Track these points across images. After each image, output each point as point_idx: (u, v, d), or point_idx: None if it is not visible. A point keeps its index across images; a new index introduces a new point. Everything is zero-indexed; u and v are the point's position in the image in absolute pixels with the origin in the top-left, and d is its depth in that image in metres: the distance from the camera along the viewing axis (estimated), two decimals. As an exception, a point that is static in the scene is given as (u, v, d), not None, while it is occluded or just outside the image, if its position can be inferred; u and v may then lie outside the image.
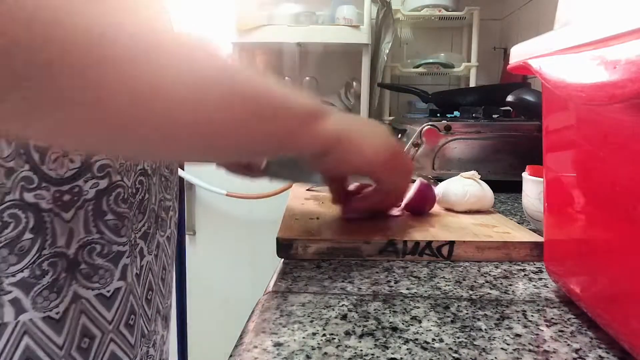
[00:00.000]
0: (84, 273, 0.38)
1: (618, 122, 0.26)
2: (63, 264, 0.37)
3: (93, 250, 0.38)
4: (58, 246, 0.36)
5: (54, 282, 0.36)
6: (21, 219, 0.35)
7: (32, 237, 0.35)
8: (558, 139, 0.36)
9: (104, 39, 0.24)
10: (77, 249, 0.38)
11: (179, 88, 0.28)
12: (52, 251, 0.36)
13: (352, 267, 0.43)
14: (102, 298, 0.39)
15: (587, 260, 0.32)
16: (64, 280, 0.37)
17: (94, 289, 0.39)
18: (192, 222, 1.53)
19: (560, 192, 0.36)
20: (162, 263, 0.49)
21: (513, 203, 0.73)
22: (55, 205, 0.36)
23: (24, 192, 0.35)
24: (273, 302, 0.36)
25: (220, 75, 0.32)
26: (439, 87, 1.80)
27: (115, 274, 0.40)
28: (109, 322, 0.40)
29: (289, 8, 1.68)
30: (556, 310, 0.35)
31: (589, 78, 0.25)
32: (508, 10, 1.73)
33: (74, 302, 0.37)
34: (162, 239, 0.49)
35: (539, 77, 0.31)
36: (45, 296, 0.36)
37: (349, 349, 0.29)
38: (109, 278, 0.40)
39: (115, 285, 0.40)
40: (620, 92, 0.22)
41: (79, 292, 0.38)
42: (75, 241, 0.37)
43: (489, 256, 0.46)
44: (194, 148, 0.33)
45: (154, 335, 0.47)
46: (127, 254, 0.41)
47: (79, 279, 0.38)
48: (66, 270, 0.37)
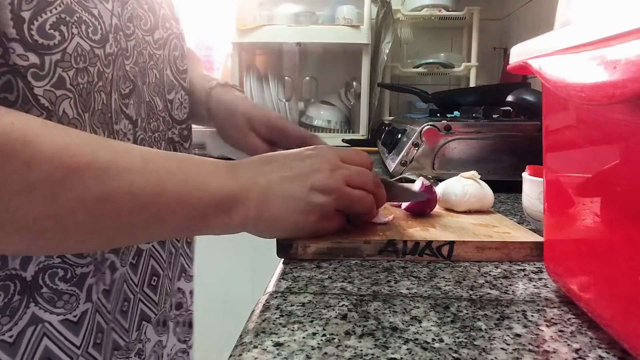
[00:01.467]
0: (47, 298, 0.37)
1: (618, 122, 0.26)
2: (16, 286, 0.35)
3: (55, 274, 0.37)
4: (10, 268, 0.35)
5: (6, 305, 0.35)
6: None
7: None
8: (558, 139, 0.36)
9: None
10: (37, 272, 0.36)
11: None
12: (3, 274, 0.35)
13: (352, 267, 0.43)
14: (69, 323, 0.38)
15: (587, 260, 0.32)
16: (19, 303, 0.36)
17: (59, 314, 0.37)
18: (192, 222, 1.53)
19: (560, 192, 0.36)
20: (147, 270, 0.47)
21: (513, 203, 0.73)
22: None
23: None
24: (273, 302, 0.36)
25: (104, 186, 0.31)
26: (439, 87, 1.80)
27: (81, 297, 0.39)
28: (77, 347, 0.39)
29: (289, 8, 1.68)
30: (556, 310, 0.35)
31: (589, 78, 0.25)
32: (508, 10, 1.73)
33: (31, 325, 0.36)
34: (147, 246, 0.47)
35: (539, 77, 0.31)
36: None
37: (349, 349, 0.29)
38: (75, 303, 0.38)
39: (82, 308, 0.39)
40: (620, 92, 0.21)
41: (40, 315, 0.37)
42: (34, 264, 0.36)
43: (489, 256, 0.46)
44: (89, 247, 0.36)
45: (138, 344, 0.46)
46: (91, 274, 0.39)
47: (40, 302, 0.37)
48: (20, 293, 0.36)
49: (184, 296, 0.54)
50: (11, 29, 0.31)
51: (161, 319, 0.50)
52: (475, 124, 0.86)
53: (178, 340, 0.53)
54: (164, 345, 0.51)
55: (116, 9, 0.39)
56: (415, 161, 0.85)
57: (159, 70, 0.48)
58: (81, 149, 0.31)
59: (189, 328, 0.55)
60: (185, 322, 0.54)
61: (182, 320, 0.54)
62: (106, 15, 0.37)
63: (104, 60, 0.38)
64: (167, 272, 0.51)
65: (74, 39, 0.34)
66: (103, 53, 0.37)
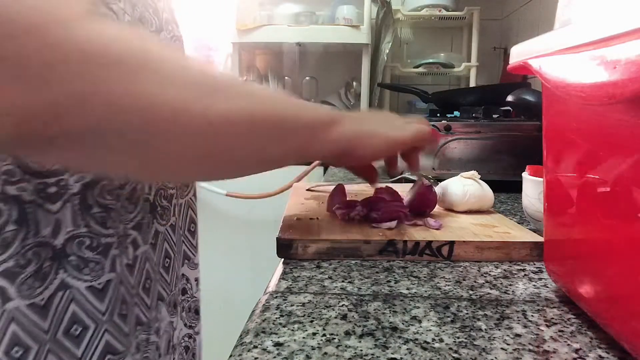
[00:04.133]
0: (74, 265, 0.39)
1: (618, 122, 0.26)
2: (47, 253, 0.38)
3: (82, 243, 0.39)
4: (41, 236, 0.37)
5: (38, 270, 0.37)
6: (3, 212, 0.36)
7: (16, 228, 0.36)
8: (558, 139, 0.36)
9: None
10: (66, 241, 0.39)
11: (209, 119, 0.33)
12: (35, 241, 0.37)
13: (352, 267, 0.43)
14: (94, 290, 0.40)
15: (587, 260, 0.32)
16: (49, 269, 0.38)
17: (85, 280, 0.40)
18: (192, 222, 1.53)
19: (560, 192, 0.36)
20: (163, 251, 0.50)
21: (513, 203, 0.73)
22: (39, 197, 0.37)
23: (5, 186, 0.36)
24: (273, 302, 0.36)
25: (241, 102, 0.36)
26: (439, 87, 1.80)
27: (106, 266, 0.41)
28: (102, 313, 0.41)
29: (289, 8, 1.68)
30: (556, 310, 0.35)
31: (589, 78, 0.25)
32: (508, 10, 1.73)
33: (60, 290, 0.39)
34: (163, 227, 0.49)
35: (539, 77, 0.31)
36: (30, 284, 0.37)
37: (349, 349, 0.29)
38: (100, 270, 0.41)
39: (107, 277, 0.41)
40: (620, 92, 0.22)
41: (68, 281, 0.39)
42: (63, 233, 0.38)
43: (489, 256, 0.46)
44: (222, 167, 0.39)
45: (156, 322, 0.48)
46: (115, 245, 0.42)
47: (68, 269, 0.39)
48: (51, 259, 0.38)
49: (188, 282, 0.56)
50: None
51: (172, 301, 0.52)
52: (475, 124, 0.86)
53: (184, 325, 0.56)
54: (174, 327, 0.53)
55: (128, 9, 0.42)
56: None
57: None
58: (208, 75, 0.35)
59: (195, 314, 0.57)
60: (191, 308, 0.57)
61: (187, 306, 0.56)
62: (120, 13, 0.41)
63: None
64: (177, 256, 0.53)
65: None
66: None
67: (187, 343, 0.55)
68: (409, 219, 0.53)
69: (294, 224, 0.52)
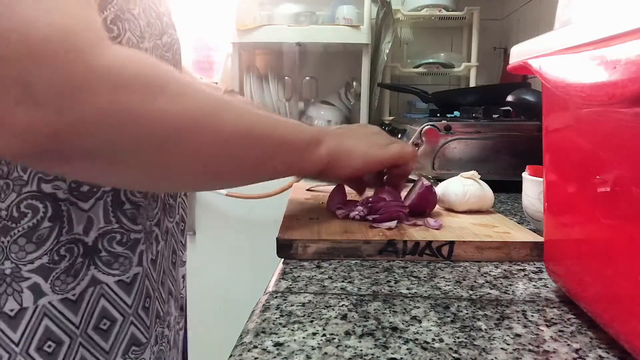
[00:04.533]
0: (105, 260, 0.41)
1: (618, 122, 0.26)
2: (79, 250, 0.39)
3: (113, 239, 0.41)
4: (74, 233, 0.39)
5: (71, 266, 0.39)
6: (39, 209, 0.37)
7: (51, 225, 0.38)
8: (558, 139, 0.36)
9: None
10: (97, 237, 0.40)
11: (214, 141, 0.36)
12: (69, 237, 0.39)
13: (352, 267, 0.43)
14: (123, 284, 0.42)
15: (587, 260, 0.32)
16: (81, 265, 0.40)
17: (115, 275, 0.42)
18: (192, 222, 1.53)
19: (560, 192, 0.36)
20: (171, 247, 0.51)
21: (513, 203, 0.73)
22: (72, 195, 0.39)
23: (41, 184, 0.37)
24: (273, 302, 0.36)
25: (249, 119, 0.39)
26: (439, 87, 1.80)
27: (134, 260, 0.43)
28: (129, 306, 0.43)
29: (289, 8, 1.68)
30: (556, 310, 0.35)
31: (589, 78, 0.25)
32: (508, 10, 1.73)
33: (92, 286, 0.40)
34: (170, 224, 0.51)
35: (539, 77, 0.31)
36: (63, 279, 0.39)
37: (349, 349, 0.29)
38: (128, 265, 0.42)
39: (134, 271, 0.43)
40: (620, 92, 0.22)
41: (98, 277, 0.41)
42: (95, 229, 0.40)
43: (489, 256, 0.46)
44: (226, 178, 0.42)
45: (168, 316, 0.50)
46: (142, 240, 0.44)
47: (99, 265, 0.41)
48: (83, 256, 0.40)
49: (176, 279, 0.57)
50: None
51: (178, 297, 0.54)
52: (475, 124, 0.86)
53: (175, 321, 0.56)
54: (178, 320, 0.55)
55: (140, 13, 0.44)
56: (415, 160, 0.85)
57: None
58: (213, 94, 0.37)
59: (180, 311, 0.59)
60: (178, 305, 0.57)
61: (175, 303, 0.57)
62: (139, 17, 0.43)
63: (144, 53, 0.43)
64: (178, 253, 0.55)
65: (126, 34, 0.40)
66: (143, 47, 0.42)
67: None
68: (409, 219, 0.53)
69: (294, 224, 0.52)
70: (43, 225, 0.37)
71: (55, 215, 0.38)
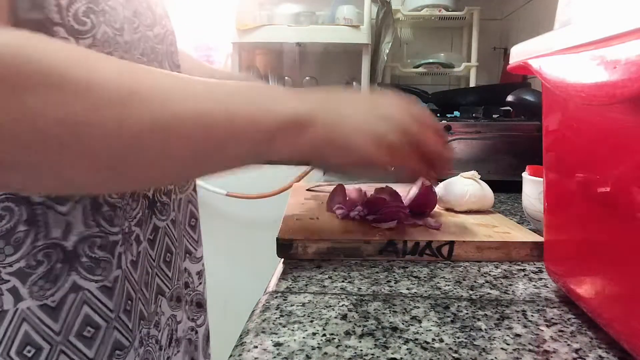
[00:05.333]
0: (86, 266, 0.39)
1: (618, 122, 0.26)
2: (58, 255, 0.38)
3: (94, 244, 0.40)
4: (52, 237, 0.38)
5: (49, 271, 0.38)
6: (14, 212, 0.36)
7: (26, 229, 0.37)
8: (558, 139, 0.36)
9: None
10: (77, 242, 0.39)
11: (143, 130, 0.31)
12: (47, 242, 0.37)
13: (352, 267, 0.43)
14: (105, 289, 0.41)
15: (587, 260, 0.32)
16: (60, 271, 0.38)
17: (97, 281, 0.40)
18: (192, 222, 1.53)
19: (560, 192, 0.36)
20: (163, 246, 0.50)
21: (513, 203, 0.73)
22: (48, 198, 0.37)
23: None
24: (273, 302, 0.36)
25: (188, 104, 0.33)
26: (439, 87, 1.80)
27: (113, 263, 0.41)
28: (111, 311, 0.41)
29: (289, 8, 1.68)
30: (556, 310, 0.35)
31: (589, 78, 0.25)
32: (508, 10, 1.73)
33: (73, 292, 0.39)
34: (163, 223, 0.49)
35: (539, 77, 0.31)
36: (40, 285, 0.37)
37: (349, 349, 0.29)
38: (109, 269, 0.41)
39: (115, 274, 0.41)
40: (620, 92, 0.22)
41: (80, 283, 0.39)
42: (74, 234, 0.39)
43: (489, 256, 0.46)
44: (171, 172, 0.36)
45: (155, 316, 0.49)
46: (120, 242, 0.42)
47: (80, 271, 0.39)
48: (62, 261, 0.38)
49: (190, 276, 0.57)
50: (55, 14, 0.35)
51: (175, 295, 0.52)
52: (475, 124, 0.86)
53: (188, 318, 0.56)
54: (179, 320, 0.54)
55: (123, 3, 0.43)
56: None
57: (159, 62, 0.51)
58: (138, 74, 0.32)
59: (197, 307, 0.57)
60: (193, 301, 0.57)
61: (190, 299, 0.56)
62: (119, 8, 0.41)
63: (123, 46, 0.41)
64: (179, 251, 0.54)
65: (101, 27, 0.38)
66: (122, 40, 0.41)
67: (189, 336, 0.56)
68: (409, 219, 0.53)
69: (294, 224, 0.52)
70: (19, 229, 0.36)
71: (31, 219, 0.37)
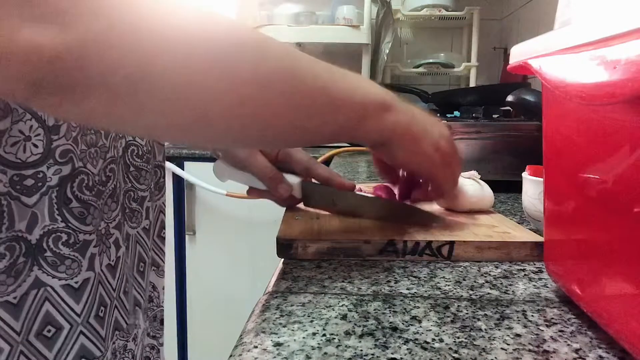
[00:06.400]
0: (50, 262, 0.37)
1: (618, 122, 0.26)
2: (22, 248, 0.36)
3: (59, 239, 0.38)
4: (16, 230, 0.36)
5: (12, 265, 0.35)
6: None
7: None
8: (558, 139, 0.36)
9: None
10: (42, 236, 0.37)
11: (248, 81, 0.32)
12: (10, 235, 0.35)
13: (352, 267, 0.43)
14: (70, 289, 0.38)
15: (587, 260, 0.32)
16: (23, 265, 0.36)
17: (61, 278, 0.38)
18: (192, 222, 1.53)
19: (560, 192, 0.36)
20: (136, 255, 0.48)
21: (513, 203, 0.73)
22: (14, 189, 0.35)
23: None
24: (273, 302, 0.36)
25: (281, 64, 0.34)
26: (439, 87, 1.80)
27: (83, 264, 0.39)
28: (77, 315, 0.39)
29: (289, 8, 1.68)
30: (556, 310, 0.35)
31: (589, 78, 0.25)
32: (508, 10, 1.74)
33: (34, 288, 0.37)
34: (134, 230, 0.47)
35: (539, 77, 0.31)
36: (2, 280, 0.35)
37: (349, 349, 0.29)
38: (77, 269, 0.39)
39: (84, 275, 0.39)
40: (620, 92, 0.22)
41: (42, 278, 0.37)
42: (39, 227, 0.37)
43: (489, 256, 0.46)
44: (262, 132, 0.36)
45: (135, 329, 0.47)
46: (94, 242, 0.40)
47: (43, 266, 0.37)
48: (25, 255, 0.36)
49: (155, 290, 0.54)
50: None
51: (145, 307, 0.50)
52: (475, 124, 0.86)
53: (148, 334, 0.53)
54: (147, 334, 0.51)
55: None
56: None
57: None
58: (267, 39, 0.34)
59: (159, 324, 0.55)
60: (157, 318, 0.54)
61: (153, 315, 0.54)
62: None
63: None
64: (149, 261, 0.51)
65: None
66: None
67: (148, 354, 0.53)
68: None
69: (294, 224, 0.52)
70: None
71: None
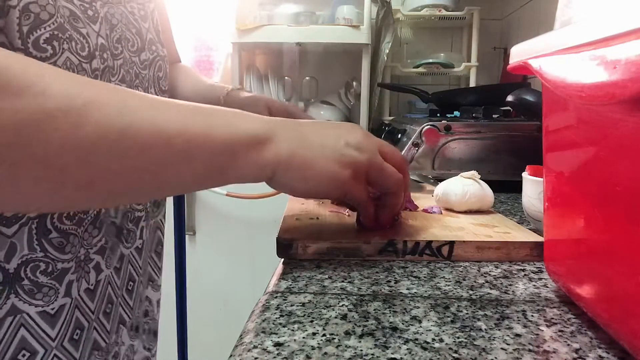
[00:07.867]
0: (27, 289, 0.38)
1: (618, 122, 0.26)
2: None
3: (37, 268, 0.38)
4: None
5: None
6: None
7: None
8: (558, 139, 0.36)
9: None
10: (20, 265, 0.37)
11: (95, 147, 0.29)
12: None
13: (352, 267, 0.43)
14: (46, 315, 0.39)
15: (587, 260, 0.32)
16: (0, 293, 0.37)
17: (37, 305, 0.38)
18: (192, 222, 1.53)
19: (560, 192, 0.36)
20: (126, 274, 0.49)
21: (513, 203, 0.73)
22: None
23: None
24: (273, 302, 0.36)
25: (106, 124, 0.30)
26: (439, 87, 1.80)
27: (60, 291, 0.40)
28: (52, 339, 0.40)
29: (289, 8, 1.68)
30: (556, 310, 0.35)
31: (589, 78, 0.25)
32: (508, 10, 1.74)
33: (11, 315, 0.37)
34: (127, 250, 0.48)
35: (539, 77, 0.32)
36: None
37: (349, 349, 0.29)
38: (53, 296, 0.39)
39: (61, 302, 0.40)
40: (620, 92, 0.22)
41: (19, 306, 0.38)
42: (17, 257, 0.37)
43: (489, 256, 0.46)
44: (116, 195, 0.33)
45: (116, 346, 0.47)
46: (72, 270, 0.40)
47: (20, 294, 0.38)
48: (2, 284, 0.37)
49: (151, 304, 0.56)
50: (17, 40, 0.35)
51: (134, 324, 0.51)
52: (475, 124, 0.86)
53: (143, 347, 0.54)
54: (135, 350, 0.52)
55: (104, 30, 0.43)
56: (415, 161, 0.85)
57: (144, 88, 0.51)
58: (96, 87, 0.31)
59: (153, 337, 0.56)
60: (151, 330, 0.56)
61: (148, 328, 0.55)
62: (93, 36, 0.41)
63: (90, 74, 0.41)
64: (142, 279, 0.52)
65: (64, 54, 0.38)
66: (90, 68, 0.40)
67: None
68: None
69: (294, 224, 0.52)
70: None
71: None
